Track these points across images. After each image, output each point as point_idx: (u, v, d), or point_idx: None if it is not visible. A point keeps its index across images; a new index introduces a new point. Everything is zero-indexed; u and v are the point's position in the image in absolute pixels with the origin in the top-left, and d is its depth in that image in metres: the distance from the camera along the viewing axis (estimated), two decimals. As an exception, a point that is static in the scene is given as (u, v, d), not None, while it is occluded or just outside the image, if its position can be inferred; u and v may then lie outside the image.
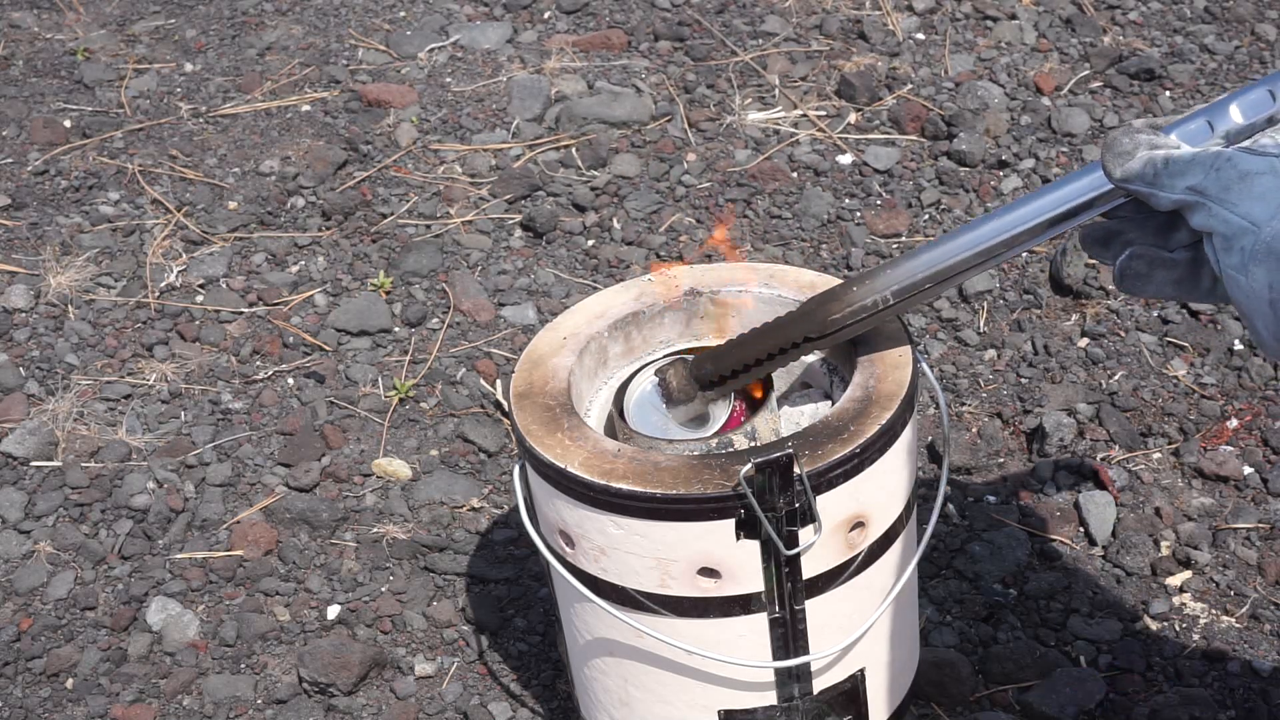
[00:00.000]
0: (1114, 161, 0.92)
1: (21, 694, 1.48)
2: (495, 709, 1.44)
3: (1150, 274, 0.96)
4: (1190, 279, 0.95)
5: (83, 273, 1.98)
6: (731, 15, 2.42)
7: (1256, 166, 0.88)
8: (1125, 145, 0.92)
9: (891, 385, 1.07)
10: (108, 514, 1.65)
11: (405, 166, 2.15)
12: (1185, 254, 0.95)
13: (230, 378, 1.82)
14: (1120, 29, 2.32)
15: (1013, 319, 1.84)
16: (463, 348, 1.85)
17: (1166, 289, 0.96)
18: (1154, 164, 0.90)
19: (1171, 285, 0.96)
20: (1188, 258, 0.95)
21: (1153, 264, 0.95)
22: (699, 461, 1.03)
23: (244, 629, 1.52)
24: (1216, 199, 0.88)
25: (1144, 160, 0.91)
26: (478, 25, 2.45)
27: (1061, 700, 1.39)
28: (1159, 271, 0.95)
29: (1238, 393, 1.71)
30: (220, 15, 2.54)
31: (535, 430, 1.08)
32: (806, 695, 1.12)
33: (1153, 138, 0.92)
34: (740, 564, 1.03)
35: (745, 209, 2.03)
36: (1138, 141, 0.92)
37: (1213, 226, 0.89)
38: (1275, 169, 0.88)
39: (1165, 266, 0.95)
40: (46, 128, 2.26)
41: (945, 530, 1.58)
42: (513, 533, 1.60)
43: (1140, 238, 0.96)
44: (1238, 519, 1.56)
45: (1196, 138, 0.94)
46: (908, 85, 2.23)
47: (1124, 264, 0.96)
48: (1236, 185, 0.88)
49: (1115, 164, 0.92)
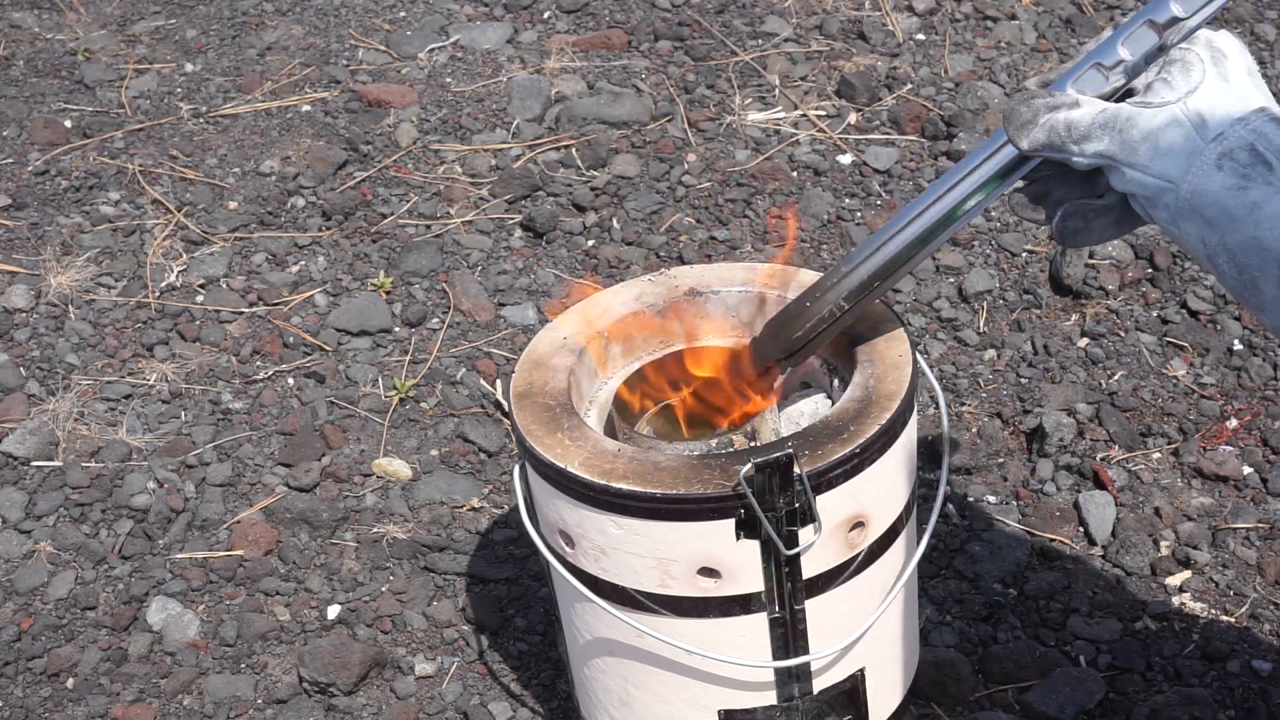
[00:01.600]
0: (1018, 133, 0.91)
1: (22, 694, 1.48)
2: (495, 709, 1.44)
3: (1089, 226, 0.95)
4: (1127, 218, 0.94)
5: (83, 273, 1.98)
6: (731, 15, 2.42)
7: (1158, 121, 0.86)
8: (1024, 114, 0.91)
9: (891, 385, 1.08)
10: (108, 514, 1.65)
11: (405, 166, 2.15)
12: (1115, 196, 0.94)
13: (230, 378, 1.82)
14: (1120, 29, 2.32)
15: (1013, 319, 1.84)
16: (463, 348, 1.85)
17: (1108, 233, 0.95)
18: (1057, 131, 0.89)
19: (1112, 228, 0.95)
20: (1118, 198, 0.94)
21: (1087, 216, 0.94)
22: (699, 461, 1.03)
23: (244, 629, 1.52)
24: (1126, 162, 0.87)
25: (1047, 128, 0.90)
26: (478, 25, 2.45)
27: (1061, 700, 1.39)
28: (1096, 221, 0.95)
29: (1237, 393, 1.71)
30: (220, 15, 2.54)
31: (535, 430, 1.08)
32: (806, 695, 1.12)
33: (1049, 99, 0.91)
34: (740, 564, 1.03)
35: (745, 209, 2.03)
36: (1035, 108, 0.90)
37: (1131, 189, 0.88)
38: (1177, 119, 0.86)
39: (1100, 215, 0.94)
40: (47, 128, 2.26)
41: (945, 530, 1.58)
42: (513, 533, 1.60)
43: (1067, 193, 0.95)
44: (1237, 519, 1.56)
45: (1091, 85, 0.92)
46: (908, 85, 2.23)
47: (1059, 224, 0.95)
48: (1142, 146, 0.86)
49: (1020, 135, 0.91)
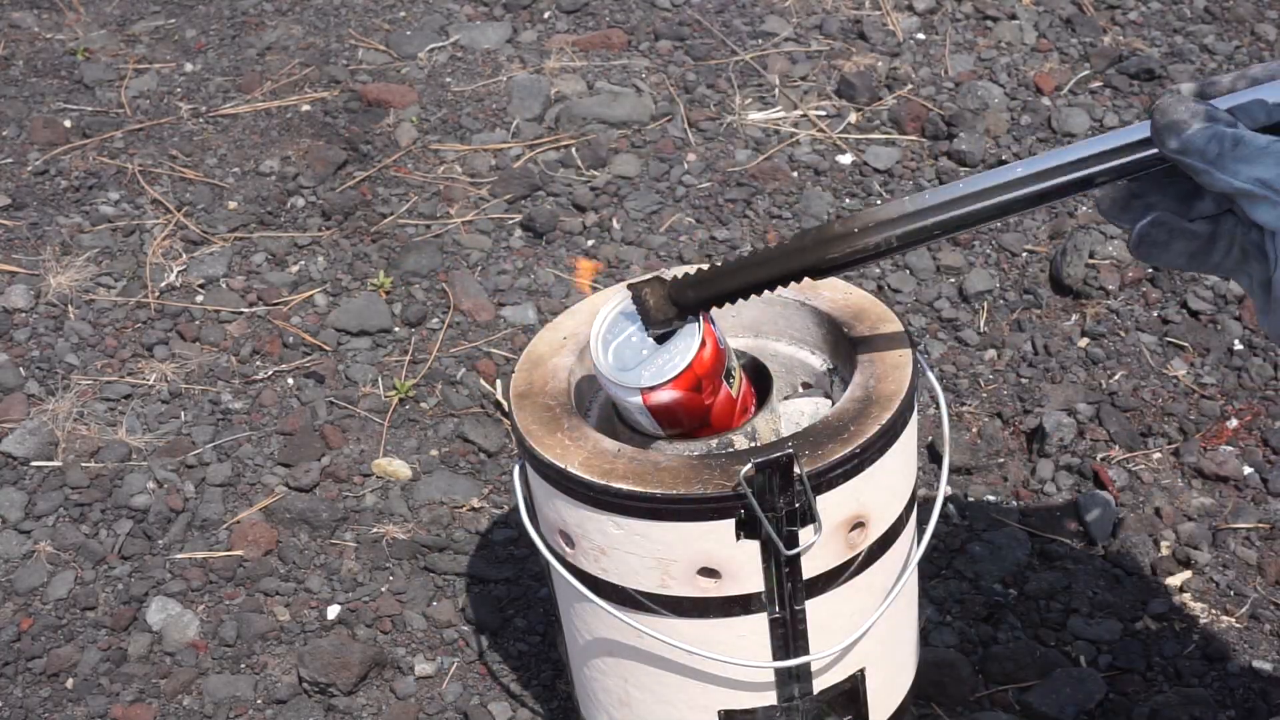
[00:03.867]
0: (1168, 131, 0.85)
1: (21, 694, 1.48)
2: (495, 709, 1.44)
3: (1169, 243, 0.91)
4: (1204, 251, 0.90)
5: (83, 273, 1.98)
6: (731, 15, 2.42)
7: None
8: (1181, 114, 0.85)
9: (891, 385, 1.07)
10: (108, 514, 1.65)
11: (405, 166, 2.15)
12: (1205, 226, 0.90)
13: (230, 378, 1.82)
14: (1120, 29, 2.32)
15: (1013, 319, 1.84)
16: (463, 348, 1.85)
17: (1180, 259, 0.91)
18: (1221, 141, 0.84)
19: (1186, 257, 0.91)
20: (1207, 230, 0.90)
21: (1173, 233, 0.90)
22: (699, 461, 1.03)
23: (244, 629, 1.52)
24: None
25: (1208, 135, 0.84)
26: (478, 25, 2.45)
27: (1061, 700, 1.39)
28: (1177, 242, 0.91)
29: (1238, 393, 1.71)
30: (220, 15, 2.54)
31: (535, 430, 1.08)
32: (806, 695, 1.12)
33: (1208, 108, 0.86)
34: (740, 564, 1.03)
35: (745, 209, 2.03)
36: (1194, 111, 0.85)
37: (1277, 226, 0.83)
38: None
39: (1184, 237, 0.90)
40: (46, 128, 2.26)
41: (945, 530, 1.58)
42: (513, 533, 1.60)
43: (1162, 203, 0.91)
44: (1238, 519, 1.56)
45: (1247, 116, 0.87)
46: (908, 85, 2.23)
47: (1144, 229, 0.91)
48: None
49: (1169, 134, 0.85)
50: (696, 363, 1.04)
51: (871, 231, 0.99)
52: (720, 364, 1.07)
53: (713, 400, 1.07)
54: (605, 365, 1.06)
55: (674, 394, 1.05)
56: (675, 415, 1.07)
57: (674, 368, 1.04)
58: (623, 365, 1.06)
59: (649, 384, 1.04)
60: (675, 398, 1.05)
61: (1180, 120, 0.85)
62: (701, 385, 1.06)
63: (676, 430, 1.09)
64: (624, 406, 1.07)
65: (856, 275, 1.90)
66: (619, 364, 1.06)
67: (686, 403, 1.06)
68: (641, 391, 1.04)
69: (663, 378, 1.04)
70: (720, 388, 1.08)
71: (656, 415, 1.06)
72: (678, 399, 1.05)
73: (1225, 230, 0.90)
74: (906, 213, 0.98)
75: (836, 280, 1.21)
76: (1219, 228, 0.90)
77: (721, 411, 1.10)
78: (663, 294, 1.05)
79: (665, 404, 1.05)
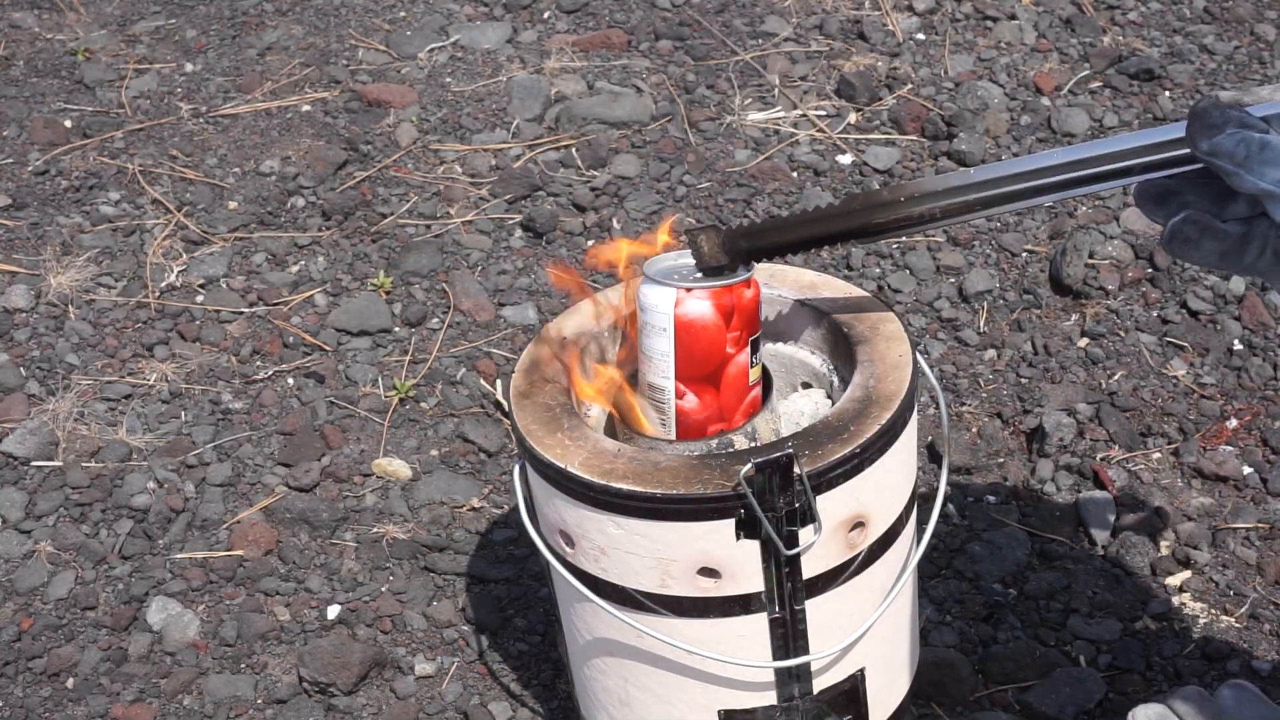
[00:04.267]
0: (1202, 133, 0.89)
1: (22, 693, 1.48)
2: (495, 709, 1.44)
3: (1200, 241, 0.94)
4: (1237, 252, 0.93)
5: (83, 273, 1.98)
6: (731, 15, 2.42)
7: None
8: (1215, 118, 0.89)
9: (891, 385, 1.08)
10: (108, 514, 1.65)
11: (405, 166, 2.15)
12: (1238, 227, 0.93)
13: (230, 378, 1.82)
14: (1120, 29, 2.32)
15: (1013, 319, 1.84)
16: (463, 348, 1.85)
17: (1211, 258, 0.94)
18: (1249, 145, 0.87)
19: (1217, 256, 0.94)
20: (1240, 231, 0.93)
21: (1204, 231, 0.93)
22: (699, 461, 1.03)
23: (244, 629, 1.52)
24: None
25: (1237, 139, 0.87)
26: (478, 25, 2.45)
27: (1061, 700, 1.39)
28: (1208, 240, 0.93)
29: (1237, 393, 1.71)
30: (220, 15, 2.54)
31: (535, 430, 1.08)
32: (806, 695, 1.12)
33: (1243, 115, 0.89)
34: (740, 564, 1.03)
35: (745, 209, 2.03)
36: (1228, 116, 0.89)
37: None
38: None
39: (1216, 236, 0.93)
40: (47, 128, 2.26)
41: (945, 530, 1.58)
42: (513, 533, 1.60)
43: (1197, 202, 0.94)
44: (1237, 519, 1.56)
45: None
46: (908, 85, 2.23)
47: (1176, 225, 0.94)
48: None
49: (1202, 135, 0.89)
50: (737, 292, 1.08)
51: (917, 201, 1.04)
52: (754, 318, 1.10)
53: (735, 352, 1.09)
54: (650, 269, 1.10)
55: (706, 307, 1.06)
56: (696, 341, 1.07)
57: (714, 283, 1.07)
58: (667, 274, 1.09)
59: (688, 285, 1.07)
60: (705, 314, 1.06)
61: (1213, 124, 0.89)
62: (732, 319, 1.08)
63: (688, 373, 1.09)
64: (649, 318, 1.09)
65: (857, 275, 1.90)
66: (665, 272, 1.09)
67: (712, 330, 1.07)
68: (678, 292, 1.07)
69: (702, 284, 1.07)
70: (745, 345, 1.09)
71: (680, 333, 1.07)
72: (707, 318, 1.06)
73: (1259, 233, 0.92)
74: (951, 186, 1.03)
75: (836, 280, 1.21)
76: (1252, 229, 0.93)
77: (733, 384, 1.10)
78: (717, 241, 1.09)
79: (693, 319, 1.06)
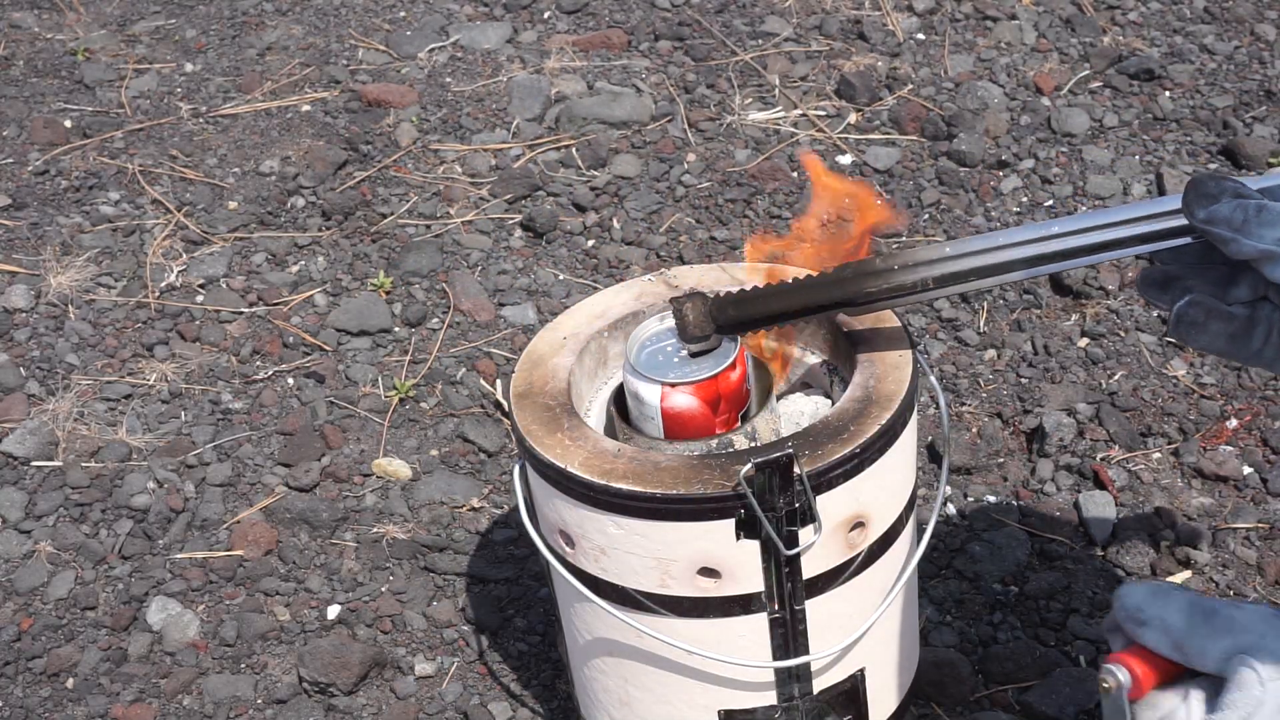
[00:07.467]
0: (1198, 201, 0.90)
1: (22, 694, 1.48)
2: (495, 709, 1.44)
3: (1206, 324, 0.94)
4: (1243, 335, 0.94)
5: (83, 273, 1.98)
6: (731, 15, 2.42)
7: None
8: (1210, 188, 0.90)
9: (891, 385, 1.08)
10: (108, 514, 1.65)
11: (405, 166, 2.15)
12: (1243, 310, 0.93)
13: (230, 378, 1.82)
14: (1120, 29, 2.32)
15: (1013, 319, 1.84)
16: (463, 348, 1.85)
17: (1219, 342, 0.94)
18: (1245, 210, 0.88)
19: (1225, 339, 0.94)
20: (1245, 314, 0.93)
21: (1210, 314, 0.94)
22: (699, 461, 1.03)
23: (244, 629, 1.52)
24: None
25: (1233, 206, 0.88)
26: (478, 25, 2.45)
27: (1061, 700, 1.39)
28: (1215, 323, 0.94)
29: (1237, 393, 1.71)
30: (220, 15, 2.54)
31: (535, 430, 1.08)
32: (806, 695, 1.12)
33: (1237, 184, 0.91)
34: (740, 564, 1.03)
35: (745, 209, 2.03)
36: (1223, 186, 0.90)
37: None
38: None
39: (1222, 319, 0.94)
40: (47, 128, 2.26)
41: (945, 530, 1.58)
42: (513, 533, 1.60)
43: (1199, 286, 0.95)
44: (1237, 519, 1.56)
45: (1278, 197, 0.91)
46: (908, 85, 2.23)
47: (1182, 309, 0.94)
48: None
49: (1199, 204, 0.90)
50: (722, 378, 1.07)
51: (910, 270, 1.03)
52: (742, 396, 1.10)
53: (724, 430, 1.09)
54: (635, 358, 1.09)
55: (691, 400, 1.06)
56: (685, 429, 1.08)
57: (700, 374, 1.07)
58: (653, 364, 1.09)
59: (673, 380, 1.07)
60: (691, 405, 1.06)
61: (1209, 193, 0.90)
62: (719, 404, 1.08)
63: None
64: (637, 404, 1.09)
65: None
66: (649, 362, 1.09)
67: (700, 416, 1.07)
68: (663, 387, 1.06)
69: (687, 379, 1.06)
70: (735, 421, 1.10)
71: (667, 420, 1.07)
72: (693, 408, 1.06)
73: (1263, 315, 0.93)
74: (945, 256, 1.02)
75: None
76: (1256, 313, 0.93)
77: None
78: (703, 310, 1.08)
79: (680, 410, 1.07)
